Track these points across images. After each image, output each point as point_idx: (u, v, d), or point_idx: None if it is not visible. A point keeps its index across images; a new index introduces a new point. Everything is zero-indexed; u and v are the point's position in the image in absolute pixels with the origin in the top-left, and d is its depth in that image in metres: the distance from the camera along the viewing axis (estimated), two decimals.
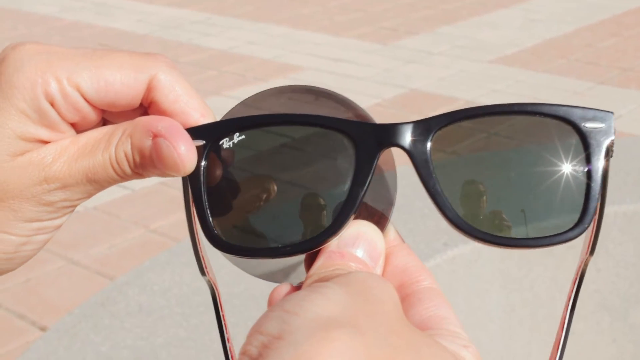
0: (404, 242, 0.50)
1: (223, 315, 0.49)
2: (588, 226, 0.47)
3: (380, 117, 2.82)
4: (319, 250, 0.48)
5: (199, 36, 4.66)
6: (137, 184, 2.90)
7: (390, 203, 0.50)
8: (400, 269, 0.48)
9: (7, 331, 2.14)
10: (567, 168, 0.48)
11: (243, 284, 1.79)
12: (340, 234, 0.47)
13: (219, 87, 3.88)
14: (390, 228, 0.50)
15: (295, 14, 5.08)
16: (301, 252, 0.48)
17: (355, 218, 0.48)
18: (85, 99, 0.49)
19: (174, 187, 2.82)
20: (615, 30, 4.54)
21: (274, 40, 4.57)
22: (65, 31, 4.82)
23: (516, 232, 0.48)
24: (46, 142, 0.49)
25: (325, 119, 0.48)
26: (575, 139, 0.47)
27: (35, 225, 0.51)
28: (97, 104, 0.50)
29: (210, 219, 0.48)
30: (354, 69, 4.08)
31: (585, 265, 0.48)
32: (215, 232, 0.48)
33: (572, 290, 0.47)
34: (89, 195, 0.50)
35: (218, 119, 0.52)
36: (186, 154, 0.48)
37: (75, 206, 0.50)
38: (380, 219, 0.49)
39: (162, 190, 2.83)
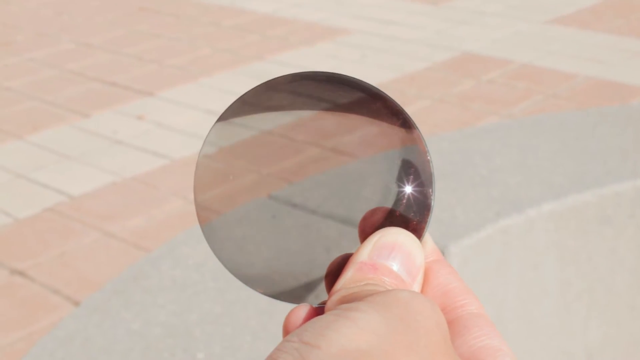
0: (443, 257, 0.42)
1: None
2: None
3: (430, 81, 2.74)
4: (344, 263, 0.40)
5: None
6: (176, 152, 2.83)
7: (427, 207, 0.42)
8: (441, 289, 0.41)
9: (41, 307, 2.08)
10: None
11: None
12: (373, 241, 0.39)
13: (262, 51, 3.79)
14: (428, 239, 0.42)
15: None
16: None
17: (388, 224, 0.41)
18: None
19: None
20: None
21: (320, 2, 4.48)
22: None
23: None
24: None
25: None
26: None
27: None
28: None
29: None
30: (403, 31, 3.98)
31: None
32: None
33: None
34: None
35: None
36: None
37: None
38: (416, 227, 0.41)
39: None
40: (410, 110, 3.11)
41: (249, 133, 0.42)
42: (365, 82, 0.41)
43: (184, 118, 3.11)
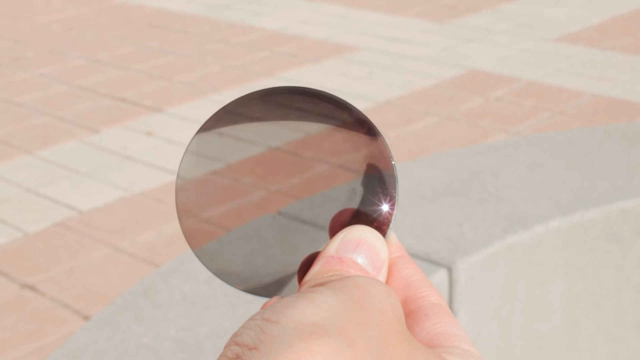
0: (406, 253, 0.45)
1: None
2: None
3: (438, 99, 2.75)
4: (314, 259, 0.43)
5: (250, 16, 4.60)
6: None
7: (390, 206, 0.45)
8: (403, 282, 0.44)
9: (51, 321, 2.10)
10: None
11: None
12: (340, 238, 0.43)
13: (271, 68, 3.81)
14: (392, 236, 0.45)
15: None
16: None
17: (355, 223, 0.44)
18: None
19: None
20: None
21: (328, 19, 4.50)
22: (114, 12, 4.80)
23: None
24: None
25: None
26: None
27: None
28: None
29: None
30: (411, 49, 4.00)
31: None
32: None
33: None
34: None
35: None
36: None
37: None
38: (380, 225, 0.44)
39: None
40: (418, 127, 3.13)
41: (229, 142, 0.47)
42: (332, 94, 0.45)
43: (192, 134, 3.13)
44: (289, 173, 0.45)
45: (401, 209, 1.85)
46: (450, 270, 1.67)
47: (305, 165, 0.45)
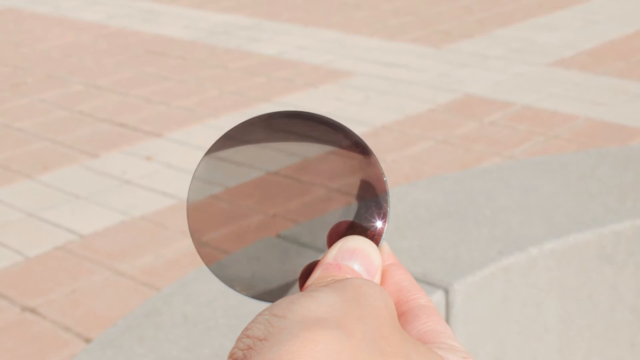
0: (398, 260, 0.51)
1: None
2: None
3: (433, 123, 2.78)
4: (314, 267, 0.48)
5: (247, 42, 4.64)
6: (184, 192, 2.87)
7: (383, 218, 0.50)
8: (396, 287, 0.48)
9: (52, 343, 2.12)
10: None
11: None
12: (338, 247, 0.47)
13: (268, 93, 3.85)
14: (384, 245, 0.50)
15: (346, 18, 5.04)
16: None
17: (351, 234, 0.49)
18: None
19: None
20: None
21: (325, 45, 4.54)
22: (112, 38, 4.84)
23: None
24: None
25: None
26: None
27: None
28: None
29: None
30: (407, 74, 4.03)
31: None
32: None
33: None
34: None
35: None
36: None
37: None
38: (374, 235, 0.49)
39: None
40: (413, 151, 3.16)
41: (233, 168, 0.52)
42: (328, 117, 0.50)
43: (192, 159, 3.16)
44: (288, 196, 0.50)
45: (398, 232, 1.87)
46: (447, 291, 1.70)
47: (303, 187, 0.50)
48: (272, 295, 0.50)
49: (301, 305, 0.39)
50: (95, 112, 3.70)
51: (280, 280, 0.50)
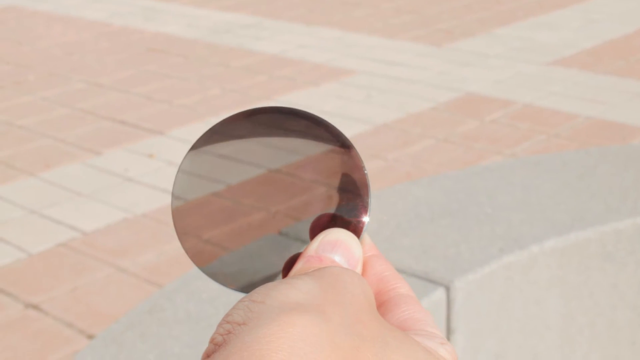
0: (379, 252, 0.52)
1: None
2: None
3: (435, 122, 2.78)
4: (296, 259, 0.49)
5: (249, 40, 4.65)
6: None
7: (364, 211, 0.51)
8: (377, 277, 0.49)
9: (55, 340, 2.13)
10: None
11: None
12: (319, 239, 0.48)
13: (269, 91, 3.86)
14: (365, 236, 0.51)
15: (347, 16, 5.05)
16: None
17: (333, 226, 0.49)
18: None
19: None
20: None
21: (326, 43, 4.54)
22: (113, 36, 4.84)
23: None
24: None
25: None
26: None
27: None
28: None
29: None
30: (408, 72, 4.04)
31: None
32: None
33: None
34: None
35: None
36: None
37: None
38: (355, 227, 0.50)
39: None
40: (414, 149, 3.17)
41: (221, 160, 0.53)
42: (309, 112, 0.51)
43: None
44: (271, 190, 0.51)
45: (400, 230, 1.88)
46: (448, 289, 1.70)
47: (285, 181, 0.51)
48: (255, 287, 0.51)
49: (280, 292, 0.40)
50: (97, 109, 3.71)
51: (264, 272, 0.51)
